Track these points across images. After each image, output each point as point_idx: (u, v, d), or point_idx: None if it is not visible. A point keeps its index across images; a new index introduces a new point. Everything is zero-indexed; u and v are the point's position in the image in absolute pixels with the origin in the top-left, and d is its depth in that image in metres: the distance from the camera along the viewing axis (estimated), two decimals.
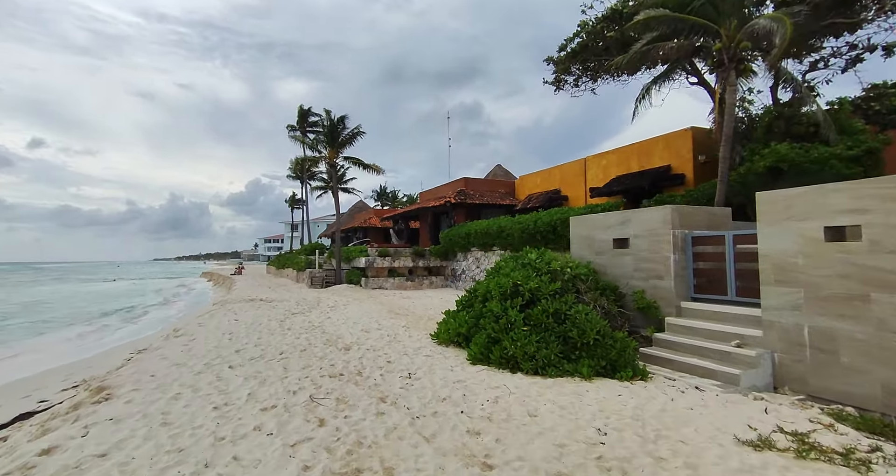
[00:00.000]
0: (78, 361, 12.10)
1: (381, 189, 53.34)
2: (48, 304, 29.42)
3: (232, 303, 15.16)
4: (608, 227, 8.24)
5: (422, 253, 22.58)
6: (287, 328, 9.92)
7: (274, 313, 12.42)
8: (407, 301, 16.08)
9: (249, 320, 11.06)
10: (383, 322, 10.84)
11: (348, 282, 22.28)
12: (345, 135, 22.73)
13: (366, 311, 13.11)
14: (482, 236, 18.80)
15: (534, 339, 6.29)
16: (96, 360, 11.87)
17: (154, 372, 6.37)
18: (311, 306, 14.14)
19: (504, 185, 25.62)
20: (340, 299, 16.22)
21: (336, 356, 7.32)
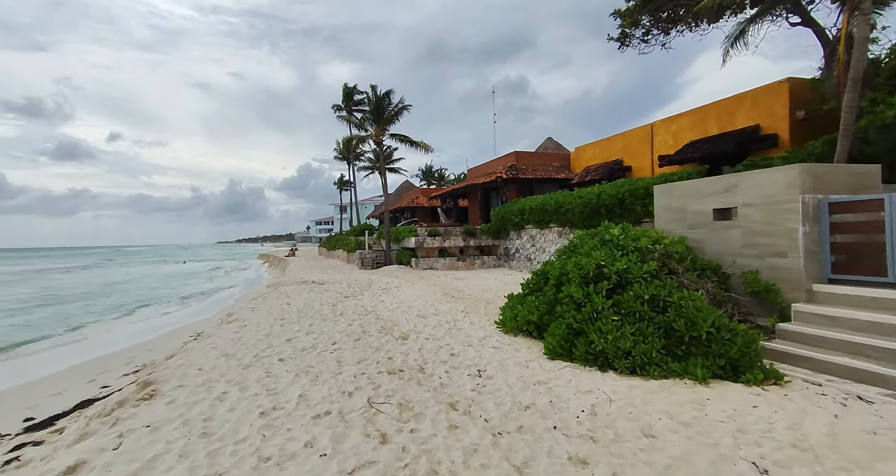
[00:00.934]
0: (145, 342, 12.21)
1: (427, 168, 52.47)
2: (130, 284, 31.24)
3: (285, 285, 14.91)
4: (706, 196, 6.85)
5: (472, 231, 21.59)
6: (339, 313, 9.31)
7: (326, 297, 11.92)
8: (460, 282, 15.22)
9: (301, 304, 10.57)
10: (439, 306, 10.01)
11: (398, 262, 21.74)
12: (390, 110, 21.82)
13: (419, 293, 12.36)
14: (537, 213, 17.50)
15: (628, 332, 5.18)
16: (159, 342, 11.90)
17: (202, 364, 5.84)
18: (363, 289, 13.58)
19: (557, 158, 23.94)
20: (392, 281, 15.60)
21: (393, 347, 6.54)
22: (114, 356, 10.79)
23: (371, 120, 22.46)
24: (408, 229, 21.94)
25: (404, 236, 21.87)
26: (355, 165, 37.70)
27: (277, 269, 33.07)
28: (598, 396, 4.40)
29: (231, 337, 7.39)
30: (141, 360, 9.43)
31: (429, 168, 52.61)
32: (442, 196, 29.75)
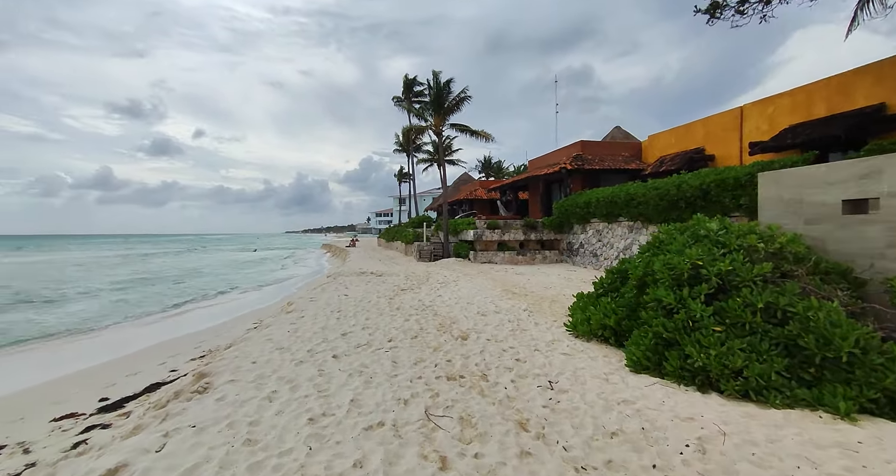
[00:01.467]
0: (215, 326, 12.61)
1: (485, 160, 51.56)
2: (213, 269, 33.51)
3: (344, 275, 14.90)
4: (831, 184, 5.62)
5: (533, 225, 20.62)
6: (396, 307, 8.93)
7: (383, 289, 11.65)
8: (521, 278, 14.44)
9: (359, 296, 10.34)
10: (501, 303, 9.35)
11: (456, 255, 21.26)
12: (451, 100, 21.26)
13: (478, 288, 11.76)
14: (606, 205, 16.24)
15: (736, 346, 4.25)
16: (227, 327, 12.23)
17: (256, 357, 5.62)
18: (421, 282, 13.20)
19: (627, 148, 22.26)
20: (450, 274, 15.12)
21: (452, 348, 5.99)
22: (186, 339, 11.18)
23: (431, 109, 22.04)
24: (466, 221, 21.38)
25: (462, 229, 21.33)
26: (414, 157, 37.70)
27: (338, 259, 33.87)
28: (703, 426, 3.56)
29: (287, 328, 7.20)
30: (207, 346, 9.62)
31: (487, 160, 51.66)
32: (501, 188, 28.87)
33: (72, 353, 10.65)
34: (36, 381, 8.18)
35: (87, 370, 8.89)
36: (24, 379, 8.39)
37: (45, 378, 8.42)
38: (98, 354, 10.17)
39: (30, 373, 8.98)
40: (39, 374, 8.65)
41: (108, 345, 11.29)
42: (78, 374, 8.61)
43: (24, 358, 10.06)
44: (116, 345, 11.23)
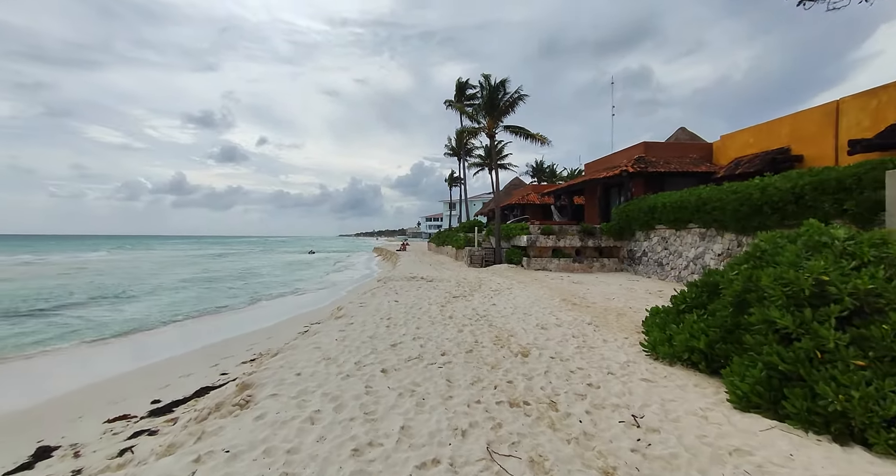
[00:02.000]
0: (268, 328, 12.68)
1: (537, 164, 50.24)
2: (267, 269, 34.82)
3: (394, 280, 14.58)
4: None
5: (591, 231, 19.44)
6: (448, 316, 8.36)
7: (434, 295, 11.14)
8: (579, 287, 13.46)
9: (410, 303, 9.89)
10: (561, 315, 8.55)
11: (508, 261, 20.47)
12: (504, 101, 20.60)
13: (534, 297, 10.98)
14: (673, 211, 14.89)
15: (888, 388, 3.29)
16: (278, 329, 12.22)
17: (301, 368, 5.23)
18: (473, 288, 12.59)
19: (695, 149, 20.56)
20: (503, 281, 14.40)
21: (513, 366, 5.32)
22: (241, 339, 11.22)
23: (484, 112, 21.47)
24: (519, 227, 20.55)
25: (515, 234, 20.52)
26: (466, 161, 37.24)
27: (389, 263, 33.98)
28: None
29: (336, 336, 6.81)
30: (259, 348, 9.53)
31: (540, 164, 50.33)
32: (556, 192, 27.72)
33: (139, 348, 10.98)
34: (101, 376, 8.36)
35: (148, 368, 9.02)
36: (94, 373, 8.62)
37: (111, 373, 8.60)
38: (161, 350, 10.40)
39: (100, 367, 9.28)
40: (107, 368, 8.89)
41: (169, 342, 11.57)
42: (139, 370, 8.74)
43: (98, 352, 10.44)
44: (176, 342, 11.49)
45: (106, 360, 10.02)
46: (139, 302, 18.18)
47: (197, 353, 10.36)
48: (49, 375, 8.84)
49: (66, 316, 15.05)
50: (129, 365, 9.41)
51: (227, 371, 8.17)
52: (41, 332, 12.44)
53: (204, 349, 10.66)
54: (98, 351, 10.80)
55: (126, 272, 33.30)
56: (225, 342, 11.39)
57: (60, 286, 23.37)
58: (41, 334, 12.22)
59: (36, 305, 17.01)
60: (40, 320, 14.33)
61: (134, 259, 51.94)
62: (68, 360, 9.86)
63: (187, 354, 10.07)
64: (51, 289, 22.17)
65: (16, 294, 20.10)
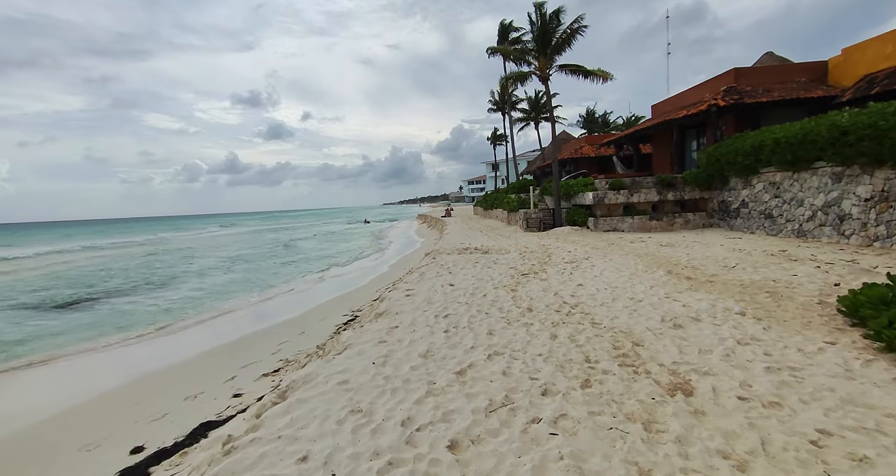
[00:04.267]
0: (301, 316, 11.10)
1: (588, 114, 45.52)
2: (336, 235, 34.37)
3: (444, 253, 12.40)
4: None
5: (670, 182, 16.24)
6: (527, 308, 6.05)
7: (497, 274, 8.86)
8: (673, 251, 10.72)
9: (469, 287, 7.66)
10: (684, 298, 6.03)
11: (570, 223, 17.75)
12: (559, 35, 17.21)
13: (626, 269, 8.47)
14: (793, 147, 11.53)
15: None
16: (310, 321, 10.58)
17: (315, 435, 3.15)
18: (542, 261, 10.18)
19: (802, 71, 16.45)
20: (574, 249, 11.88)
21: (682, 426, 2.91)
22: (269, 333, 9.59)
23: (534, 51, 18.17)
24: (582, 182, 17.62)
25: (577, 191, 17.64)
26: (511, 116, 33.80)
27: (435, 230, 31.95)
28: None
29: (374, 357, 4.66)
30: (287, 350, 7.73)
31: (590, 113, 45.58)
32: (617, 141, 24.16)
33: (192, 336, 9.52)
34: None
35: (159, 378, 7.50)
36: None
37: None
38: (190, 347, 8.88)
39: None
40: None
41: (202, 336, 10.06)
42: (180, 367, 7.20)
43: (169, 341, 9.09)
44: (206, 337, 9.97)
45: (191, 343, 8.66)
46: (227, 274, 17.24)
47: (225, 350, 8.81)
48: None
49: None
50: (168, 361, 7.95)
51: (241, 390, 6.39)
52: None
53: (227, 348, 9.11)
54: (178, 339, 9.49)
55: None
56: (253, 336, 9.83)
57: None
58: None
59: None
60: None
61: (246, 233, 57.45)
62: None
63: (211, 353, 8.52)
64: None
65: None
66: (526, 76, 18.47)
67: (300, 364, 5.99)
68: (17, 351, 9.38)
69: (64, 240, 58.45)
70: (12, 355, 9.10)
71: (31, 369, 8.16)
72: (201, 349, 8.56)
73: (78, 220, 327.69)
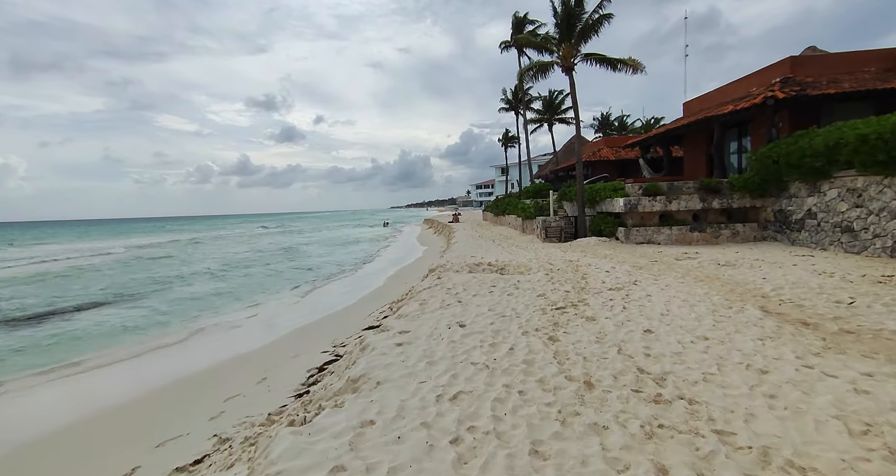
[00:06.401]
0: (273, 344, 9.02)
1: (603, 117, 43.14)
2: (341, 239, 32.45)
3: (452, 271, 10.15)
4: None
5: (715, 187, 13.91)
6: (584, 382, 3.74)
7: (522, 304, 6.60)
8: (735, 272, 8.42)
9: (486, 330, 5.40)
10: (813, 356, 3.79)
11: (596, 233, 15.46)
12: (586, 20, 15.00)
13: (692, 301, 6.21)
14: (887, 145, 9.19)
15: None
16: (308, 342, 8.50)
17: None
18: (577, 285, 7.91)
19: (872, 59, 14.07)
20: (611, 267, 9.59)
21: None
22: (227, 372, 7.43)
23: (556, 39, 15.98)
24: (610, 187, 15.33)
25: (604, 197, 15.36)
26: (524, 116, 31.60)
27: (441, 237, 29.72)
28: None
29: (344, 447, 2.51)
30: (233, 415, 5.51)
31: (605, 116, 43.21)
32: (643, 142, 21.83)
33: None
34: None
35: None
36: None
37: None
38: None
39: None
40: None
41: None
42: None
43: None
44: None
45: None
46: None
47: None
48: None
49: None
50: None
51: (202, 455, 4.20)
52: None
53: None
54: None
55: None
56: (217, 373, 7.72)
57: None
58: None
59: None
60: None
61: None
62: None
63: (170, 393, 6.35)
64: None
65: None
66: (547, 66, 16.26)
67: (224, 465, 3.77)
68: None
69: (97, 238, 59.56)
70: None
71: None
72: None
73: (93, 220, 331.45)
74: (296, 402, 4.83)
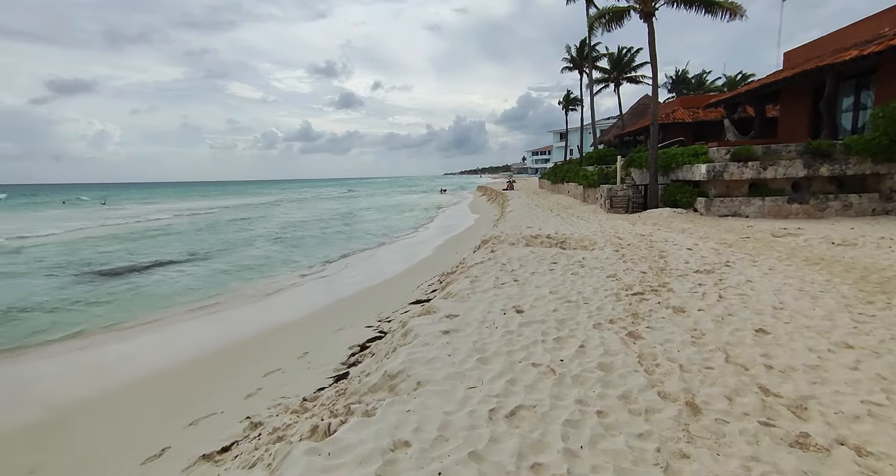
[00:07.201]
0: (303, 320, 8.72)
1: (677, 75, 38.74)
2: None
3: (506, 244, 9.22)
4: None
5: (825, 151, 11.67)
6: (685, 402, 2.80)
7: (590, 287, 5.60)
8: (858, 253, 6.80)
9: (549, 319, 4.50)
10: None
11: (669, 204, 13.74)
12: None
13: (809, 290, 4.91)
14: None
15: None
16: (355, 302, 8.15)
17: None
18: (654, 265, 6.73)
19: None
20: (693, 244, 8.22)
21: None
22: (268, 341, 7.17)
23: None
24: (689, 152, 13.41)
25: (682, 163, 13.49)
26: (589, 75, 28.88)
27: (495, 205, 28.57)
28: None
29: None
30: (267, 395, 5.10)
31: (681, 74, 38.76)
32: (729, 101, 19.02)
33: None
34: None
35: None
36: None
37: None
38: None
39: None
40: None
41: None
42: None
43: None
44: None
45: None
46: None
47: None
48: None
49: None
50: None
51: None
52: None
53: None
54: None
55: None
56: (257, 343, 7.51)
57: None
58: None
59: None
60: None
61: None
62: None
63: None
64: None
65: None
66: (622, 13, 14.17)
67: (247, 463, 3.28)
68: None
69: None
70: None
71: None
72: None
73: (175, 182, 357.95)
74: (331, 390, 4.28)
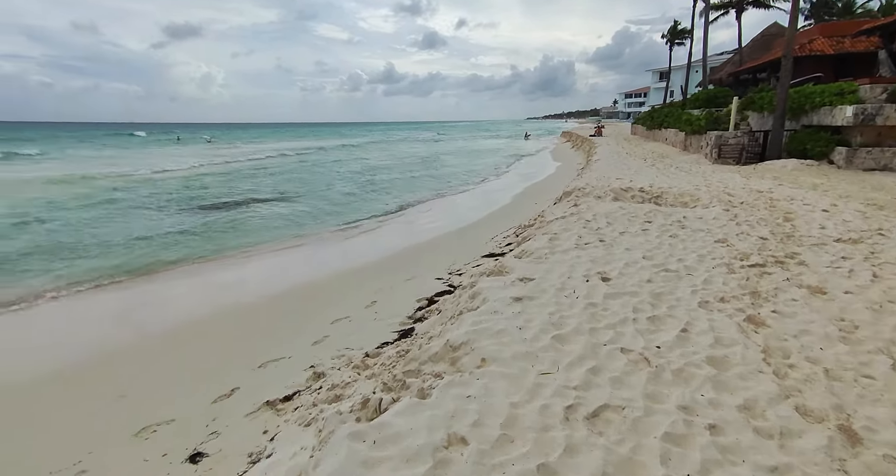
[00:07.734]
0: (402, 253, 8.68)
1: None
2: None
3: (591, 196, 8.24)
4: None
5: None
6: (854, 423, 2.11)
7: (693, 255, 4.69)
8: None
9: (641, 291, 3.78)
10: None
11: (797, 154, 11.46)
12: None
13: None
14: None
15: None
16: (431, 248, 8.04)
17: None
18: (777, 229, 5.51)
19: None
20: (836, 207, 6.68)
21: None
22: (348, 278, 7.26)
23: None
24: (832, 90, 10.84)
25: (820, 104, 11.01)
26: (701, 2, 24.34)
27: (580, 153, 26.43)
28: None
29: None
30: (332, 344, 5.07)
31: None
32: (888, 28, 14.97)
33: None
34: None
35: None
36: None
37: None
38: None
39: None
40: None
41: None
42: None
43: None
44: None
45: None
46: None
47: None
48: None
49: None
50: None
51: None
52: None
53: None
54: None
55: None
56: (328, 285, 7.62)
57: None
58: None
59: None
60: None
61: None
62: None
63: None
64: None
65: None
66: None
67: (304, 420, 3.20)
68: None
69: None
70: None
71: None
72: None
73: (271, 123, 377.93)
74: (392, 349, 4.08)
